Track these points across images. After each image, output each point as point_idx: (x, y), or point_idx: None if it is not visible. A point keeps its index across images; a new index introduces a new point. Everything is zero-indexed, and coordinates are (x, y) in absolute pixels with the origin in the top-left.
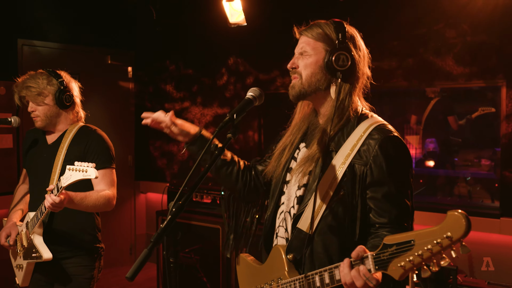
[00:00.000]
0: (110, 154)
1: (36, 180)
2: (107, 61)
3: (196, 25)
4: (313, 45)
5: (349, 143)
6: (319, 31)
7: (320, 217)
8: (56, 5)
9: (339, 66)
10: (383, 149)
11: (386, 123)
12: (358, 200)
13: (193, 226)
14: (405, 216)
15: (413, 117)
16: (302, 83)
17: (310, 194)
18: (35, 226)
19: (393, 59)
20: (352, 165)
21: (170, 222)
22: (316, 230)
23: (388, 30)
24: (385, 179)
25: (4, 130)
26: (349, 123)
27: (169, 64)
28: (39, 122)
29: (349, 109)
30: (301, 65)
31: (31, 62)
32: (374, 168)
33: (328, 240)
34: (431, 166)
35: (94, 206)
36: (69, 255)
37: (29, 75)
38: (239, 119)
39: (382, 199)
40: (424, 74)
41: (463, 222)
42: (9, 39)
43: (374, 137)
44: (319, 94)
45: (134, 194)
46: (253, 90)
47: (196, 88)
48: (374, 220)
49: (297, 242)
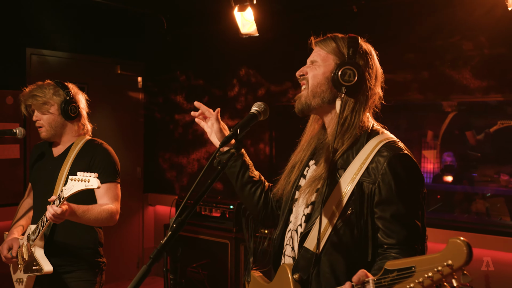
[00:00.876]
0: (115, 169)
1: (39, 192)
2: (116, 71)
3: (207, 35)
4: (324, 56)
5: (358, 160)
6: (332, 44)
7: (327, 237)
8: (65, 14)
9: (344, 80)
10: (392, 167)
11: (396, 140)
12: (368, 220)
13: (201, 241)
14: (414, 237)
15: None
16: (307, 93)
17: (317, 212)
18: (36, 238)
19: (408, 71)
20: (361, 183)
21: (170, 238)
22: (323, 249)
23: (404, 42)
24: (394, 198)
25: (11, 140)
26: (358, 140)
27: (179, 74)
28: (44, 133)
29: (357, 127)
30: (310, 73)
31: (40, 71)
32: (382, 186)
33: (335, 260)
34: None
35: (96, 220)
36: (70, 269)
37: (37, 85)
38: (242, 134)
39: (391, 219)
40: (440, 87)
41: (465, 250)
42: (17, 48)
43: (383, 154)
44: (324, 107)
45: (143, 206)
46: (258, 104)
47: (206, 99)
48: (382, 241)
49: (304, 262)
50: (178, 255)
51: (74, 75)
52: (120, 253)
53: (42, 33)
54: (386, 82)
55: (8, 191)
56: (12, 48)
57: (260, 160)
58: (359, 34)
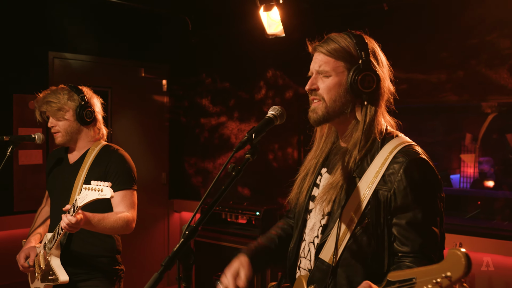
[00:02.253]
0: (131, 175)
1: (56, 200)
2: (140, 74)
3: (232, 36)
4: (332, 64)
5: (374, 167)
6: (336, 46)
7: (343, 247)
8: (87, 17)
9: (364, 87)
10: (407, 174)
11: (412, 143)
12: (384, 229)
13: (226, 248)
14: (431, 245)
15: (468, 135)
16: (326, 108)
17: (333, 223)
18: (52, 247)
19: (442, 71)
20: (377, 191)
21: (182, 245)
22: (340, 260)
23: (437, 41)
24: (410, 205)
25: (33, 146)
26: (373, 146)
27: (205, 77)
28: (59, 138)
29: (374, 131)
30: (322, 87)
31: (62, 75)
32: (398, 193)
33: (352, 272)
34: (490, 187)
35: (112, 228)
36: (87, 277)
37: (50, 90)
38: (258, 139)
39: (406, 226)
40: (476, 88)
41: (463, 261)
42: (40, 52)
43: (398, 160)
44: (342, 117)
45: (168, 213)
46: (274, 108)
47: (233, 102)
48: (397, 249)
49: (319, 274)
50: (190, 262)
51: (97, 79)
52: (145, 261)
53: (65, 36)
54: (419, 82)
55: (31, 197)
56: (34, 52)
57: (288, 165)
58: (391, 33)
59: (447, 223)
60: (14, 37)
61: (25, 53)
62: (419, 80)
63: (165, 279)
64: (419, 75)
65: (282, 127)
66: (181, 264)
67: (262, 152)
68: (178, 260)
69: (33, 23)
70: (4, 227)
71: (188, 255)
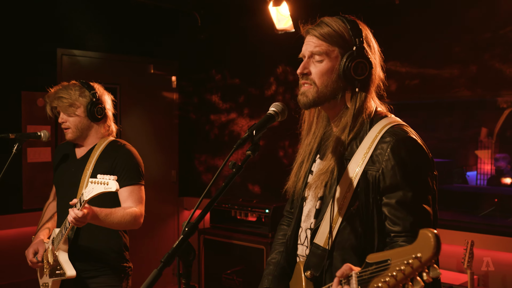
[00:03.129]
0: (139, 170)
1: (63, 194)
2: (149, 70)
3: (242, 31)
4: (325, 48)
5: (362, 149)
6: (330, 31)
7: (336, 231)
8: (96, 14)
9: (357, 75)
10: (395, 152)
11: (402, 123)
12: (374, 210)
13: (236, 246)
14: (423, 224)
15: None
16: (317, 92)
17: (326, 207)
18: (60, 242)
19: (454, 66)
20: (366, 172)
21: (182, 242)
22: (334, 244)
23: (449, 35)
24: (399, 183)
25: (42, 143)
26: (362, 128)
27: (214, 73)
28: (69, 134)
29: (363, 115)
30: (314, 71)
31: (71, 72)
32: (386, 173)
33: (347, 255)
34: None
35: (119, 223)
36: (95, 274)
37: (62, 86)
38: (259, 136)
39: (397, 205)
40: (489, 82)
41: (432, 242)
42: (48, 49)
43: (386, 140)
44: (332, 102)
45: (178, 211)
46: (275, 105)
47: (242, 98)
48: (389, 229)
49: (315, 259)
50: (190, 259)
51: (106, 75)
52: (155, 260)
53: (73, 33)
54: (431, 78)
55: (40, 195)
56: (43, 48)
57: None
58: (402, 27)
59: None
60: (23, 34)
61: (33, 50)
62: (431, 75)
63: (176, 277)
64: (431, 70)
65: (293, 124)
66: (181, 260)
67: (273, 149)
68: (178, 257)
69: (42, 19)
70: (13, 225)
71: (188, 252)
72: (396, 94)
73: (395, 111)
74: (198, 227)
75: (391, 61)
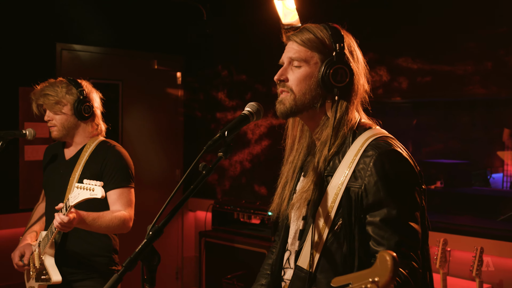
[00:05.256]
0: (128, 172)
1: (51, 196)
2: (153, 66)
3: (249, 26)
4: (305, 54)
5: (345, 163)
6: (311, 37)
7: (320, 252)
8: (97, 6)
9: (337, 81)
10: (378, 167)
11: (386, 135)
12: (355, 229)
13: (237, 250)
14: (409, 243)
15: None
16: (294, 100)
17: (308, 227)
18: (46, 246)
19: (468, 63)
20: (348, 189)
21: (145, 246)
22: (318, 266)
23: (462, 30)
24: (383, 200)
25: (40, 141)
26: (345, 141)
27: (221, 69)
28: (55, 132)
29: (344, 128)
30: (292, 78)
31: (71, 67)
32: (369, 189)
33: (332, 276)
34: None
35: (107, 228)
36: (82, 277)
37: (49, 83)
38: (231, 137)
39: (381, 224)
40: (505, 80)
41: (389, 265)
42: (47, 43)
43: (368, 154)
44: (311, 112)
45: (182, 212)
46: (251, 105)
47: (249, 95)
48: (373, 249)
49: (299, 282)
50: (154, 264)
51: (108, 71)
52: None
53: (73, 27)
54: (444, 75)
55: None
56: (41, 43)
57: None
58: (413, 22)
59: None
60: (20, 28)
61: (31, 44)
62: (444, 72)
63: (180, 281)
64: (444, 66)
65: None
66: (145, 265)
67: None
68: (141, 261)
69: (40, 13)
70: (9, 225)
71: (152, 256)
72: (408, 92)
73: (408, 109)
74: (203, 228)
75: (402, 57)
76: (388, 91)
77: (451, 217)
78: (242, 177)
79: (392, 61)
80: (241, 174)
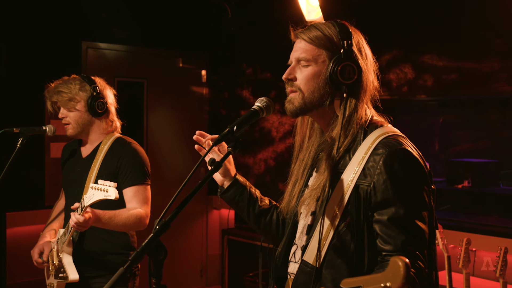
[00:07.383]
0: (144, 170)
1: (69, 194)
2: (178, 64)
3: (273, 23)
4: (312, 52)
5: (355, 161)
6: (319, 34)
7: (327, 247)
8: (122, 5)
9: (344, 79)
10: (387, 165)
11: (396, 133)
12: (364, 226)
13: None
14: (416, 242)
15: None
16: (303, 99)
17: (317, 223)
18: (64, 244)
19: (495, 60)
20: (357, 186)
21: (151, 240)
22: (324, 262)
23: (489, 26)
24: (391, 199)
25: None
26: (356, 138)
27: (245, 67)
28: (70, 130)
29: (354, 125)
30: (300, 77)
31: (96, 65)
32: (377, 187)
33: (338, 273)
34: None
35: (124, 225)
36: (99, 273)
37: (62, 80)
38: (240, 132)
39: (388, 222)
40: None
41: (401, 272)
42: (72, 42)
43: (378, 152)
44: (321, 110)
45: (207, 210)
46: (261, 100)
47: (274, 94)
48: (380, 248)
49: (303, 277)
50: (161, 258)
51: (133, 69)
52: (182, 261)
53: (99, 25)
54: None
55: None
56: (67, 41)
57: None
58: (438, 19)
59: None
60: (47, 27)
61: (57, 43)
62: (470, 69)
63: (204, 279)
64: (469, 63)
65: None
66: (151, 259)
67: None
68: (148, 255)
69: (66, 11)
70: (36, 221)
71: (159, 251)
72: (433, 90)
73: (434, 107)
74: (226, 226)
75: (427, 54)
76: (413, 88)
77: (478, 216)
78: (266, 175)
79: (417, 58)
80: (265, 172)
